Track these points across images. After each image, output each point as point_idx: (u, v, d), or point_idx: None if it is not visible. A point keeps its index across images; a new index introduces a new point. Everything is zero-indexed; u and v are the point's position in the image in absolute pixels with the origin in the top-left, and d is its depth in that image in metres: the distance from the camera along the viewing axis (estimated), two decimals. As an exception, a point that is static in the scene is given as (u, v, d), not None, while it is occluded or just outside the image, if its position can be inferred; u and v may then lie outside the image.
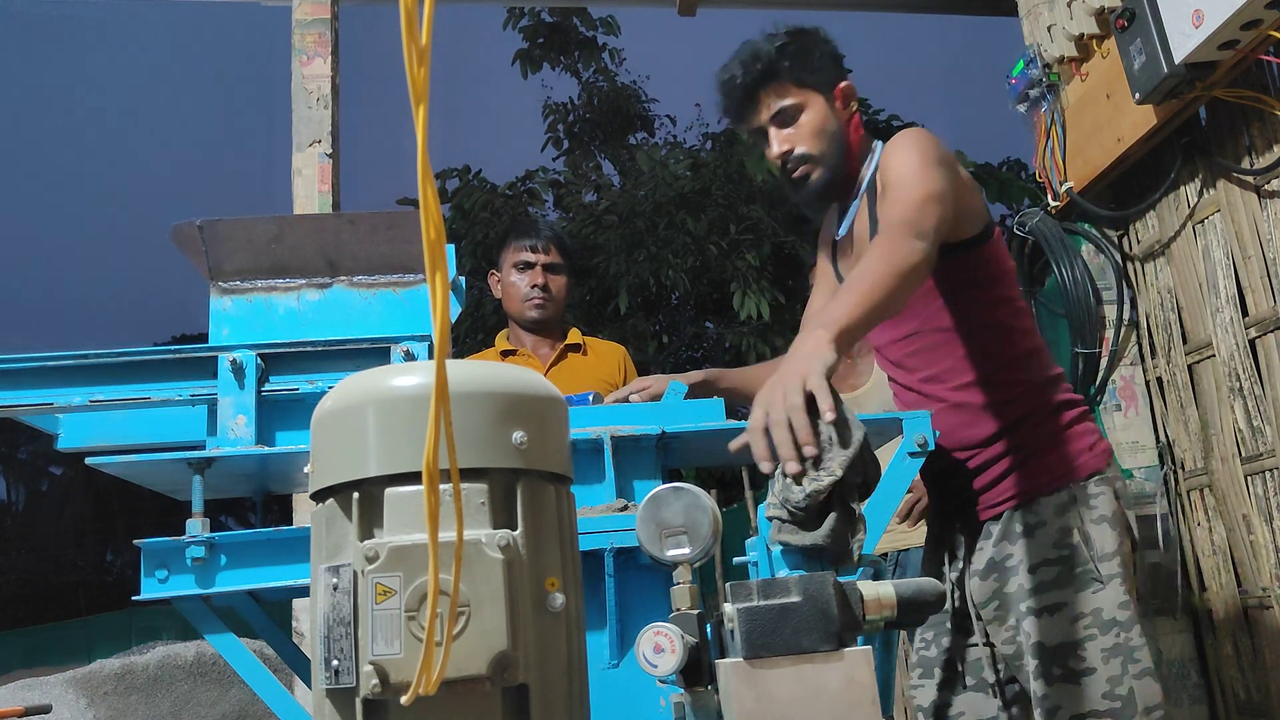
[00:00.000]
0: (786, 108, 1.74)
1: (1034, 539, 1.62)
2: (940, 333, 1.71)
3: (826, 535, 1.08)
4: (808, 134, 1.74)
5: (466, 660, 0.74)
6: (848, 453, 1.10)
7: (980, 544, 1.70)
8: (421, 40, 0.60)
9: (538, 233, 2.79)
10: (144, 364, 1.55)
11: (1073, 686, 1.55)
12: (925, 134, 1.65)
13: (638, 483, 1.58)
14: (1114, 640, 1.56)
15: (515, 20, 7.93)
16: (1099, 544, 1.60)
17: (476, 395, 0.81)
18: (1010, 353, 1.69)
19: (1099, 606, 1.57)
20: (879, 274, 1.37)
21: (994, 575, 1.67)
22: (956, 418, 1.70)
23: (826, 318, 1.31)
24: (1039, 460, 1.66)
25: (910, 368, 1.76)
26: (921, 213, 1.48)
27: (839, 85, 1.76)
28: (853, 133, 1.77)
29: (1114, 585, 1.58)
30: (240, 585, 1.49)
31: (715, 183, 6.63)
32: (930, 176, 1.54)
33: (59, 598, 20.24)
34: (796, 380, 1.16)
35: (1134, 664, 1.55)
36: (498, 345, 2.83)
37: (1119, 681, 1.54)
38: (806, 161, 1.75)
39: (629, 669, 1.45)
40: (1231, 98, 2.54)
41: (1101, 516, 1.62)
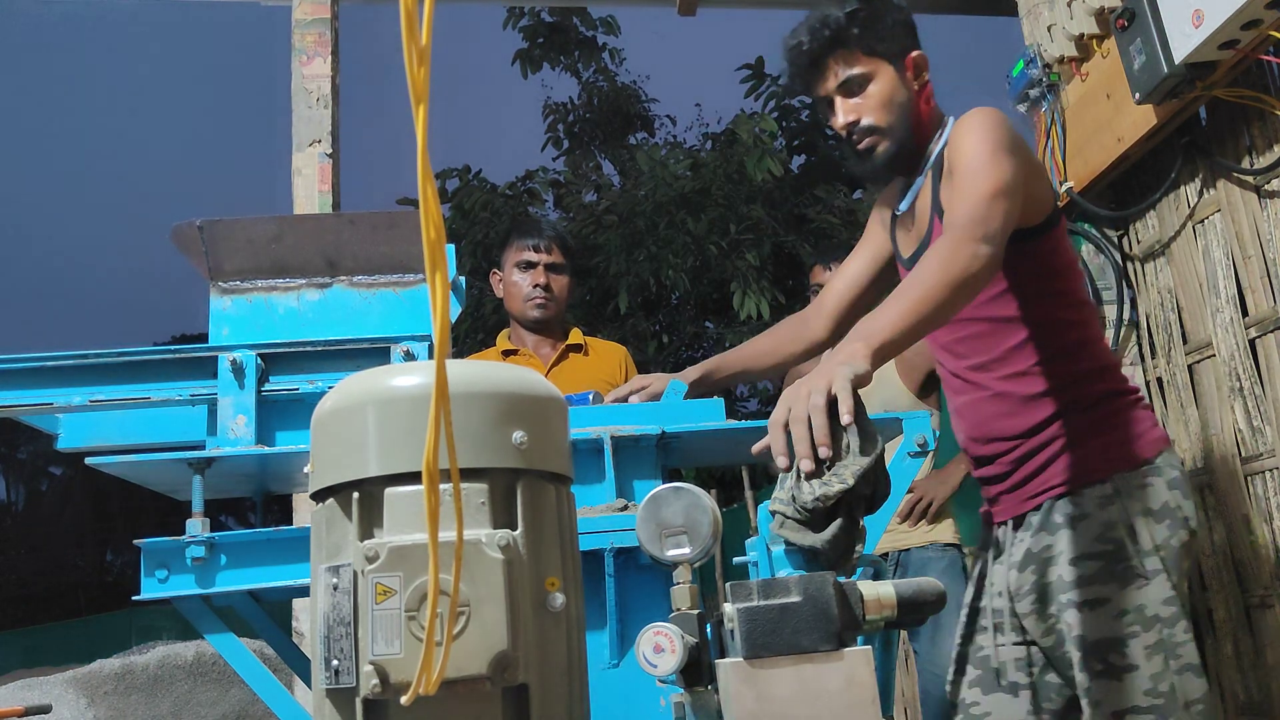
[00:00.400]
0: (854, 77, 1.68)
1: (1076, 530, 1.59)
2: (992, 322, 1.67)
3: (826, 541, 1.08)
4: (875, 104, 1.69)
5: (466, 660, 0.74)
6: (864, 463, 1.10)
7: (1019, 535, 1.67)
8: (421, 40, 0.60)
9: (540, 232, 2.79)
10: (144, 364, 1.55)
11: (1115, 682, 1.54)
12: (996, 115, 1.60)
13: (638, 483, 1.58)
14: (1157, 637, 1.53)
15: (515, 20, 7.92)
16: (1144, 537, 1.56)
17: (476, 395, 0.81)
18: (1060, 344, 1.66)
19: (1142, 603, 1.54)
20: (932, 285, 1.34)
21: (1031, 566, 1.64)
22: (999, 407, 1.68)
23: (868, 328, 1.29)
24: (1082, 449, 1.62)
25: (958, 354, 1.73)
26: (990, 210, 1.44)
27: (910, 55, 1.70)
28: (923, 105, 1.71)
29: (1158, 580, 1.55)
30: (240, 585, 1.49)
31: (715, 183, 6.62)
32: (1000, 167, 1.50)
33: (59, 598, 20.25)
34: (823, 383, 1.16)
35: (1175, 659, 1.53)
36: (499, 345, 2.82)
37: (1161, 678, 1.52)
38: (873, 133, 1.69)
39: (629, 669, 1.45)
40: (1232, 98, 2.54)
41: (1148, 509, 1.58)
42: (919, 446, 1.60)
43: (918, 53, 1.71)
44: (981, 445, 1.73)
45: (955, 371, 1.75)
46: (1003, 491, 1.71)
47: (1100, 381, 1.67)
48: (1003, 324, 1.67)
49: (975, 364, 1.71)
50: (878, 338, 1.27)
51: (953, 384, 1.77)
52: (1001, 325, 1.67)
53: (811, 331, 1.93)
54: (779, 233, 6.59)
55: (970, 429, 1.75)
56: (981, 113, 1.61)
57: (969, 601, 1.79)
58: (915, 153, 1.73)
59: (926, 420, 1.63)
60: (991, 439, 1.70)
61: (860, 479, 1.09)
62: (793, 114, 7.42)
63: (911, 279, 1.36)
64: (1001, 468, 1.70)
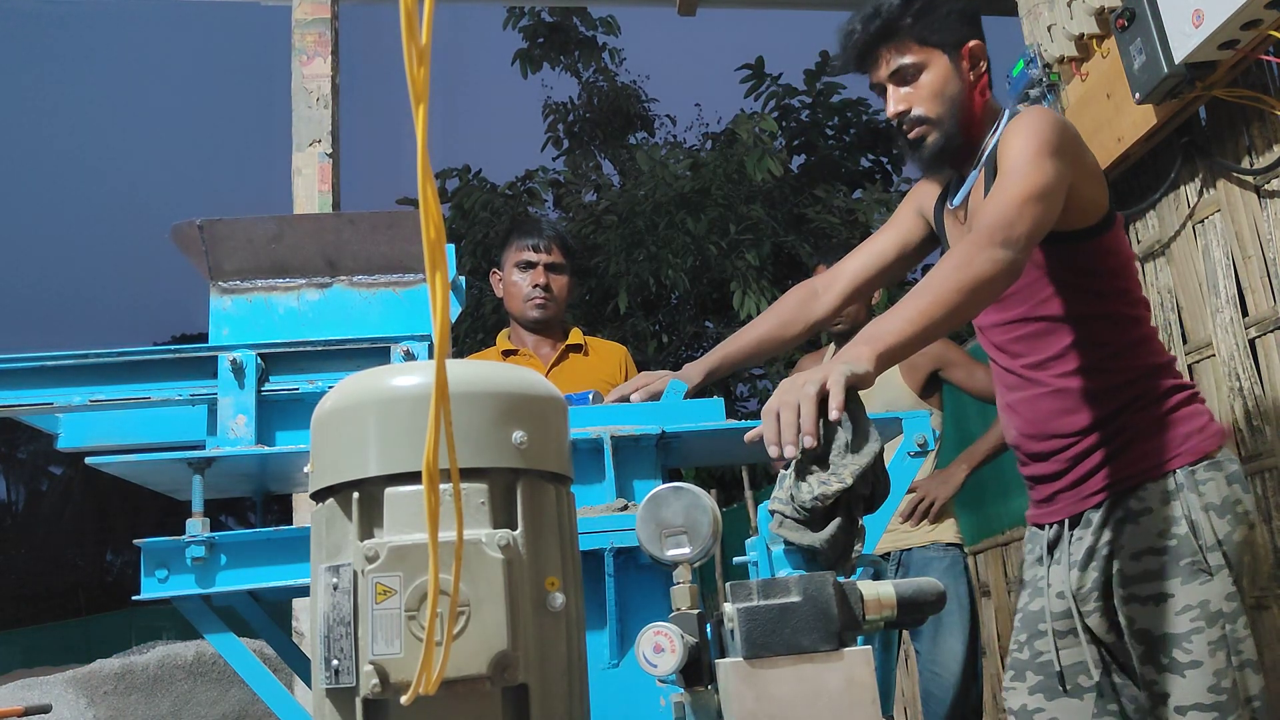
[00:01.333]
0: (906, 66, 1.66)
1: (1139, 525, 1.58)
2: (1048, 321, 1.66)
3: (825, 541, 1.08)
4: (926, 95, 1.66)
5: (466, 660, 0.74)
6: (862, 463, 1.10)
7: (1079, 533, 1.66)
8: (421, 40, 0.60)
9: (540, 232, 2.78)
10: (144, 364, 1.55)
11: (1177, 678, 1.53)
12: (1048, 117, 1.58)
13: (638, 483, 1.58)
14: (1220, 633, 1.53)
15: (515, 20, 7.92)
16: (1206, 533, 1.56)
17: (476, 395, 0.81)
18: (1119, 341, 1.65)
19: (1206, 598, 1.54)
20: (945, 289, 1.33)
21: (1094, 563, 1.63)
22: (1057, 404, 1.67)
23: (876, 331, 1.28)
24: (1143, 445, 1.61)
25: (1014, 353, 1.72)
26: (1017, 215, 1.43)
27: (967, 45, 1.67)
28: (976, 97, 1.69)
29: (1221, 576, 1.55)
30: (240, 585, 1.49)
31: (715, 182, 6.62)
32: (1040, 171, 1.48)
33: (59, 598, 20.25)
34: (819, 375, 1.17)
35: (1237, 655, 1.53)
36: (499, 345, 2.82)
37: (1224, 674, 1.52)
38: (923, 123, 1.68)
39: (629, 669, 1.45)
40: (1231, 98, 2.54)
41: (1210, 504, 1.57)
42: (919, 446, 1.61)
43: (975, 42, 1.68)
44: (1038, 442, 1.71)
45: (1010, 369, 1.74)
46: (1061, 490, 1.69)
47: (1160, 377, 1.65)
48: (1059, 323, 1.66)
49: (1032, 362, 1.69)
50: (884, 341, 1.26)
51: (1007, 380, 1.75)
52: (1058, 324, 1.66)
53: (818, 307, 1.89)
54: (779, 233, 6.59)
55: (1025, 425, 1.73)
56: (1033, 113, 1.60)
57: (1021, 606, 1.78)
58: (967, 145, 1.71)
59: (926, 420, 1.63)
60: (1049, 436, 1.69)
61: (859, 478, 1.09)
62: (793, 114, 7.42)
63: (925, 282, 1.35)
64: (1059, 465, 1.69)
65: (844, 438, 1.13)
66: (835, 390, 1.14)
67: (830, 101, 7.39)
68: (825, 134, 7.56)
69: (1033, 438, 1.72)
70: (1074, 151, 1.59)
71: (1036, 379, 1.69)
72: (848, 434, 1.13)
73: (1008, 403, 1.77)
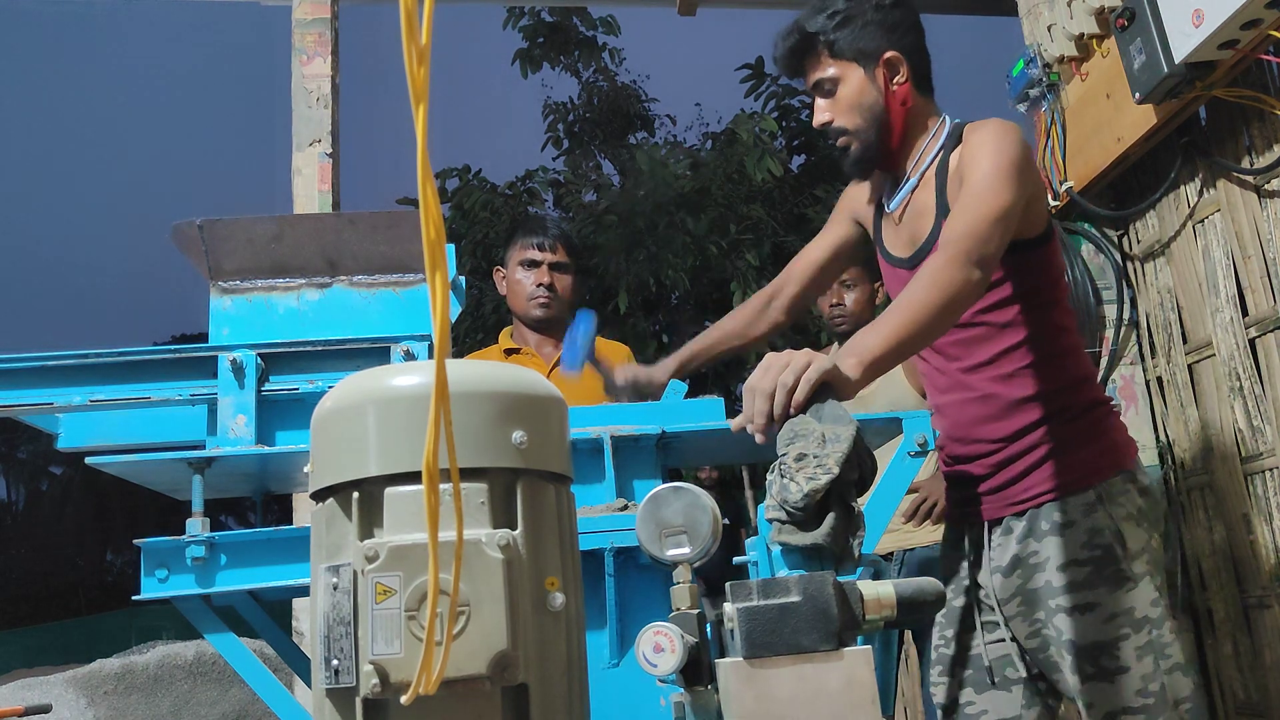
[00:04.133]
0: (824, 80, 1.74)
1: (1063, 538, 1.62)
2: (988, 326, 1.70)
3: (826, 535, 1.07)
4: (844, 107, 1.73)
5: (466, 660, 0.74)
6: (842, 449, 1.10)
7: (1000, 539, 1.69)
8: (421, 40, 0.60)
9: (545, 231, 2.77)
10: (144, 364, 1.55)
11: (1106, 685, 1.56)
12: (1013, 134, 1.63)
13: (638, 483, 1.58)
14: (1146, 638, 1.56)
15: (515, 20, 7.91)
16: (1130, 542, 1.60)
17: (476, 395, 0.81)
18: (1050, 350, 1.69)
19: (1132, 605, 1.57)
20: (925, 304, 1.38)
21: (1018, 571, 1.66)
22: (984, 409, 1.70)
23: (862, 344, 1.32)
24: (1066, 458, 1.65)
25: (951, 355, 1.75)
26: (989, 233, 1.48)
27: (883, 55, 1.71)
28: (896, 106, 1.73)
29: (1145, 583, 1.58)
30: (240, 585, 1.49)
31: (715, 182, 6.62)
32: (1007, 190, 1.53)
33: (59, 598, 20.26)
34: (803, 360, 1.19)
35: (1165, 659, 1.56)
36: (501, 343, 2.81)
37: (1151, 678, 1.55)
38: (843, 134, 1.75)
39: (629, 669, 1.45)
40: (1231, 97, 2.54)
41: (1129, 514, 1.61)
42: (919, 446, 1.61)
43: (890, 53, 1.72)
44: (962, 445, 1.75)
45: (944, 370, 1.77)
46: (985, 492, 1.72)
47: (1084, 391, 1.70)
48: (999, 329, 1.70)
49: (967, 366, 1.73)
50: (870, 354, 1.30)
51: (939, 382, 1.79)
52: (998, 330, 1.70)
53: (772, 314, 2.01)
54: (779, 233, 6.59)
55: (952, 428, 1.77)
56: (998, 129, 1.63)
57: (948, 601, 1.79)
58: (895, 151, 1.76)
59: (927, 420, 1.63)
60: (974, 440, 1.72)
61: (844, 464, 1.09)
62: (793, 114, 7.41)
63: (905, 298, 1.39)
64: (981, 469, 1.72)
65: (818, 429, 1.13)
66: (802, 387, 1.18)
67: (830, 101, 7.38)
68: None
69: (958, 440, 1.76)
70: (1033, 169, 1.64)
71: (967, 383, 1.72)
72: (820, 423, 1.14)
73: (937, 404, 1.81)
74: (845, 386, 1.24)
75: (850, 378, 1.25)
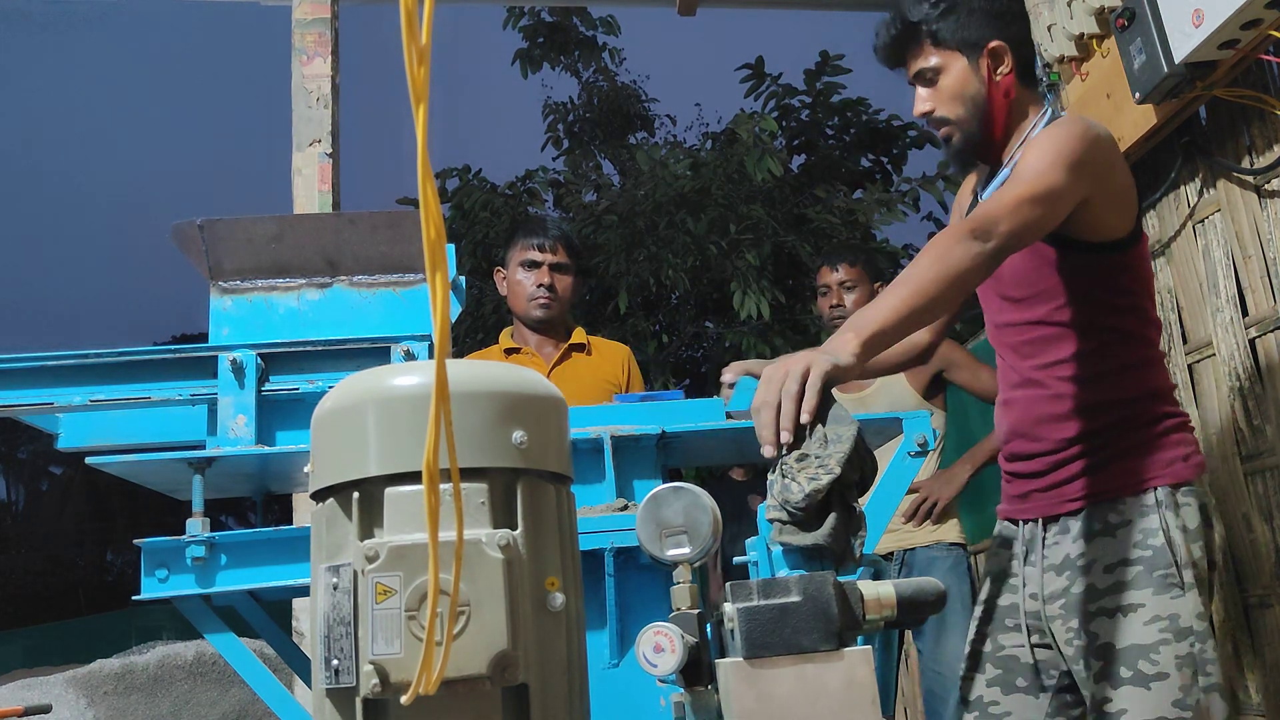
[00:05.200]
0: (926, 70, 1.71)
1: (1115, 538, 1.59)
2: (1062, 327, 1.68)
3: (828, 535, 1.07)
4: (946, 97, 1.71)
5: (466, 660, 0.74)
6: (843, 449, 1.10)
7: (1056, 538, 1.67)
8: (421, 40, 0.60)
9: (545, 231, 2.77)
10: (144, 364, 1.55)
11: (1142, 690, 1.51)
12: (1079, 127, 1.60)
13: (638, 483, 1.58)
14: (1188, 649, 1.51)
15: (515, 20, 7.91)
16: (1181, 550, 1.56)
17: (476, 395, 0.81)
18: (1126, 359, 1.66)
19: (1177, 612, 1.53)
20: (925, 278, 1.36)
21: (1068, 573, 1.63)
22: (1053, 408, 1.68)
23: (859, 320, 1.30)
24: (1127, 462, 1.62)
25: (1024, 354, 1.73)
26: (1006, 213, 1.45)
27: (988, 45, 1.69)
28: (999, 97, 1.71)
29: (1193, 594, 1.54)
30: (240, 585, 1.49)
31: (715, 182, 6.61)
32: (1049, 177, 1.50)
33: (59, 598, 20.25)
34: (800, 367, 1.18)
35: (1205, 677, 1.51)
36: (501, 343, 2.81)
37: (1190, 691, 1.50)
38: (945, 124, 1.73)
39: (629, 669, 1.45)
40: (1231, 97, 2.54)
41: (1185, 526, 1.58)
42: (919, 446, 1.61)
43: (995, 43, 1.69)
44: (1027, 441, 1.72)
45: (1017, 369, 1.75)
46: (1037, 489, 1.70)
47: (1157, 402, 1.67)
48: (1074, 330, 1.67)
49: (1040, 364, 1.71)
50: (868, 329, 1.28)
51: (1011, 378, 1.77)
52: (1072, 331, 1.67)
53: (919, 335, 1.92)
54: (779, 233, 6.58)
55: (1018, 423, 1.74)
56: (1064, 124, 1.62)
57: (986, 598, 1.78)
58: (992, 143, 1.74)
59: (926, 420, 1.64)
60: (1040, 437, 1.70)
61: (846, 465, 1.09)
62: (793, 114, 7.41)
63: (907, 273, 1.38)
64: (1041, 465, 1.70)
65: (820, 430, 1.13)
66: (810, 393, 1.16)
67: (830, 101, 7.37)
68: (825, 134, 7.54)
69: (1023, 436, 1.73)
70: (1098, 168, 1.59)
71: (1041, 380, 1.70)
72: (823, 424, 1.14)
73: (1006, 399, 1.78)
74: (844, 374, 1.22)
75: (849, 362, 1.23)
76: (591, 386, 2.64)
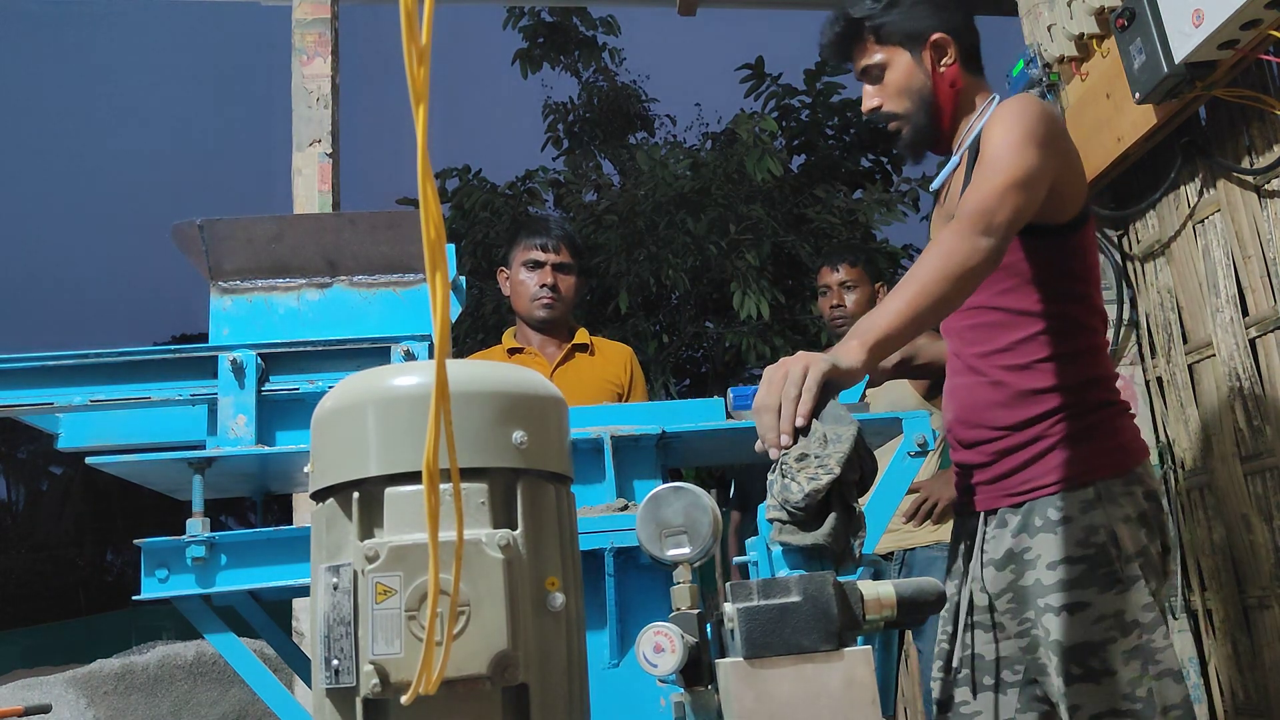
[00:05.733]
0: (870, 66, 1.73)
1: (1057, 535, 1.59)
2: (1005, 313, 1.68)
3: (828, 535, 1.07)
4: (892, 92, 1.72)
5: (467, 660, 0.74)
6: (843, 449, 1.10)
7: (994, 531, 1.67)
8: (421, 40, 0.60)
9: (549, 231, 2.77)
10: (144, 364, 1.55)
11: (1092, 686, 1.54)
12: (1033, 105, 1.60)
13: (638, 483, 1.58)
14: (1135, 642, 1.54)
15: (515, 20, 7.91)
16: (1125, 543, 1.57)
17: (476, 395, 0.81)
18: (1070, 346, 1.66)
19: (1121, 608, 1.55)
20: (930, 278, 1.36)
21: (1011, 566, 1.64)
22: (994, 395, 1.67)
23: (865, 325, 1.30)
24: (1068, 453, 1.62)
25: (967, 340, 1.74)
26: (999, 203, 1.45)
27: (930, 37, 1.70)
28: (945, 88, 1.72)
29: (1138, 587, 1.55)
30: (240, 585, 1.49)
31: (715, 183, 6.61)
32: (1023, 158, 1.50)
33: (59, 598, 20.25)
34: (800, 368, 1.18)
35: (1154, 665, 1.53)
36: (504, 343, 2.82)
37: (1139, 683, 1.52)
38: (892, 119, 1.74)
39: (629, 669, 1.45)
40: (1231, 97, 2.54)
41: (1128, 516, 1.59)
42: (919, 446, 1.61)
43: (938, 35, 1.70)
44: (968, 429, 1.73)
45: (958, 354, 1.76)
46: (983, 481, 1.70)
47: (1097, 390, 1.67)
48: (1016, 316, 1.67)
49: (980, 352, 1.70)
50: (873, 334, 1.28)
51: (954, 364, 1.77)
52: (1015, 317, 1.67)
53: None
54: (779, 233, 6.58)
55: (960, 411, 1.75)
56: (1019, 100, 1.61)
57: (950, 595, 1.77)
58: (940, 134, 1.75)
59: (926, 420, 1.64)
60: (978, 425, 1.70)
61: (845, 465, 1.09)
62: (793, 114, 7.41)
63: (911, 273, 1.38)
64: (983, 456, 1.69)
65: (819, 429, 1.13)
66: (806, 394, 1.16)
67: (830, 101, 7.37)
68: (825, 134, 7.54)
69: (965, 424, 1.73)
70: (1059, 141, 1.60)
71: (979, 368, 1.70)
72: (822, 424, 1.14)
73: (949, 387, 1.79)
74: (846, 377, 1.22)
75: (853, 366, 1.23)
76: (594, 387, 2.64)
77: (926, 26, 1.70)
